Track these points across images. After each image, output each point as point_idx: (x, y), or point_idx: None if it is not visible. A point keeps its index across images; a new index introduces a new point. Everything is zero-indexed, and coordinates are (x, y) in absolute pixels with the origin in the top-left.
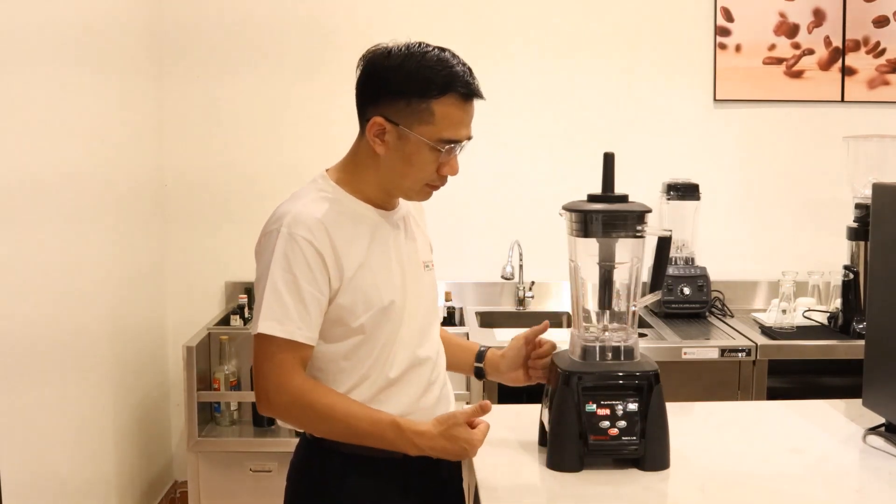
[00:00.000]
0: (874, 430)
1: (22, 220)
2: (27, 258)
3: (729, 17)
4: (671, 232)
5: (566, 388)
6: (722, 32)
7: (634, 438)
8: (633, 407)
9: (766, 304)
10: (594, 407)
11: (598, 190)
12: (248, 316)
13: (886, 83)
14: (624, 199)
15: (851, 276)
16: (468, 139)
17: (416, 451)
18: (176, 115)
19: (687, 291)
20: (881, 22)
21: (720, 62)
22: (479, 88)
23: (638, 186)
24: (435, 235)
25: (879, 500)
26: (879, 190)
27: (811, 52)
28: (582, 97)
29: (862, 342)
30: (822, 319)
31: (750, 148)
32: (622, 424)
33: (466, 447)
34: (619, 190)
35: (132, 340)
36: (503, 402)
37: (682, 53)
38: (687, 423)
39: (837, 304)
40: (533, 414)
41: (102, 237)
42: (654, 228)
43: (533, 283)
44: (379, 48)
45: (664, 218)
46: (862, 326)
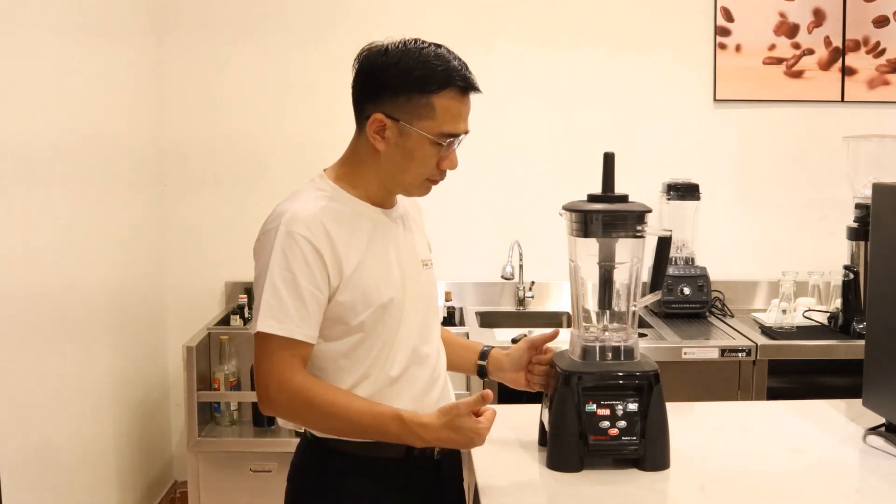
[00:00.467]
0: (874, 430)
1: (21, 218)
2: (27, 259)
3: (729, 17)
4: (671, 232)
5: (566, 388)
6: (722, 32)
7: (634, 438)
8: (633, 407)
9: (766, 304)
10: (594, 407)
11: (598, 190)
12: (248, 316)
13: (886, 83)
14: (624, 199)
15: (851, 276)
16: (466, 133)
17: (421, 443)
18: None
19: (687, 291)
20: (881, 22)
21: (720, 62)
22: (475, 82)
23: (638, 186)
24: (435, 235)
25: (879, 500)
26: (879, 190)
27: (811, 52)
28: (582, 97)
29: (862, 342)
30: (822, 319)
31: (750, 148)
32: (622, 424)
33: (473, 436)
34: (619, 190)
35: (132, 340)
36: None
37: (682, 53)
38: (687, 423)
39: (837, 304)
40: (533, 414)
41: (102, 237)
42: (654, 228)
43: (533, 283)
44: (374, 46)
45: (664, 218)
46: (862, 326)
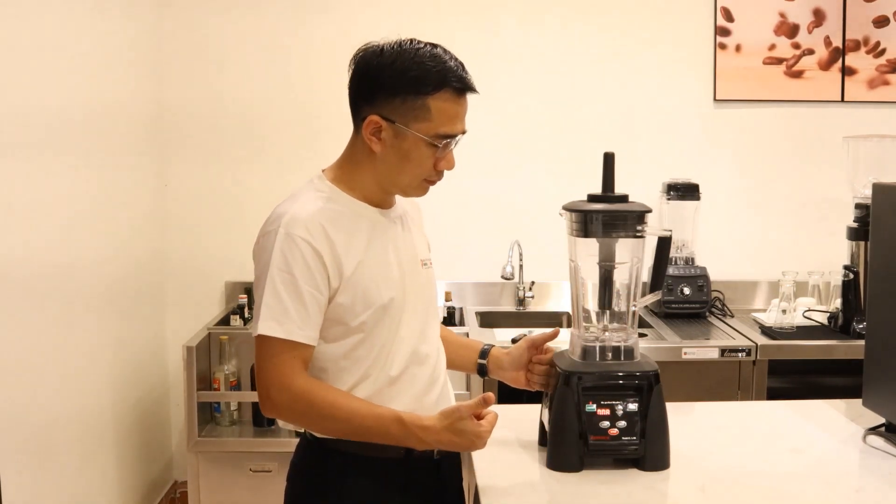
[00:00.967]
0: (874, 430)
1: (21, 218)
2: (28, 259)
3: (729, 17)
4: (671, 232)
5: (566, 388)
6: (722, 32)
7: (634, 438)
8: (633, 407)
9: (766, 304)
10: (594, 407)
11: (598, 190)
12: (248, 316)
13: (886, 83)
14: (624, 199)
15: (851, 276)
16: (463, 133)
17: (422, 445)
18: (177, 108)
19: (687, 291)
20: (881, 22)
21: (720, 62)
22: (472, 82)
23: (638, 186)
24: (435, 235)
25: (879, 500)
26: (879, 190)
27: (811, 52)
28: (582, 97)
29: (862, 342)
30: (822, 319)
31: (750, 148)
32: (622, 424)
33: (475, 440)
34: (619, 190)
35: (132, 340)
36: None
37: (682, 53)
38: (687, 423)
39: (837, 304)
40: (533, 414)
41: (102, 236)
42: (654, 228)
43: (533, 283)
44: (370, 46)
45: (664, 218)
46: (862, 326)
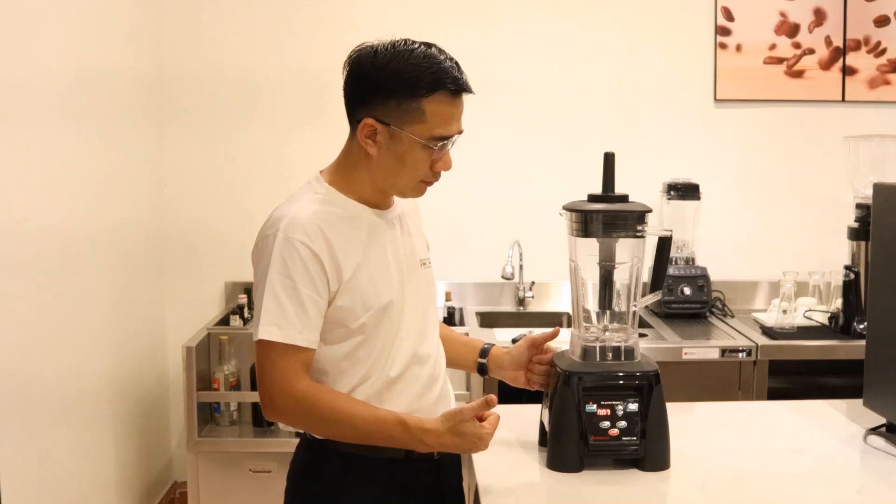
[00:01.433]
0: (875, 430)
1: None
2: (28, 258)
3: (729, 16)
4: (671, 232)
5: (566, 388)
6: (722, 32)
7: (635, 439)
8: (633, 407)
9: (766, 304)
10: (594, 407)
11: (598, 190)
12: (247, 316)
13: (887, 83)
14: (624, 199)
15: (852, 276)
16: (459, 133)
17: (424, 448)
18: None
19: (687, 291)
20: (882, 21)
21: (720, 62)
22: (467, 83)
23: (638, 186)
24: (435, 236)
25: (880, 500)
26: (880, 190)
27: (812, 51)
28: (582, 97)
29: (863, 342)
30: (822, 319)
31: (750, 148)
32: (622, 425)
33: (477, 441)
34: (619, 190)
35: (132, 340)
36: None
37: (682, 53)
38: (687, 423)
39: (838, 304)
40: (533, 414)
41: (102, 236)
42: (654, 228)
43: (533, 283)
44: (364, 47)
45: (664, 218)
46: (863, 327)
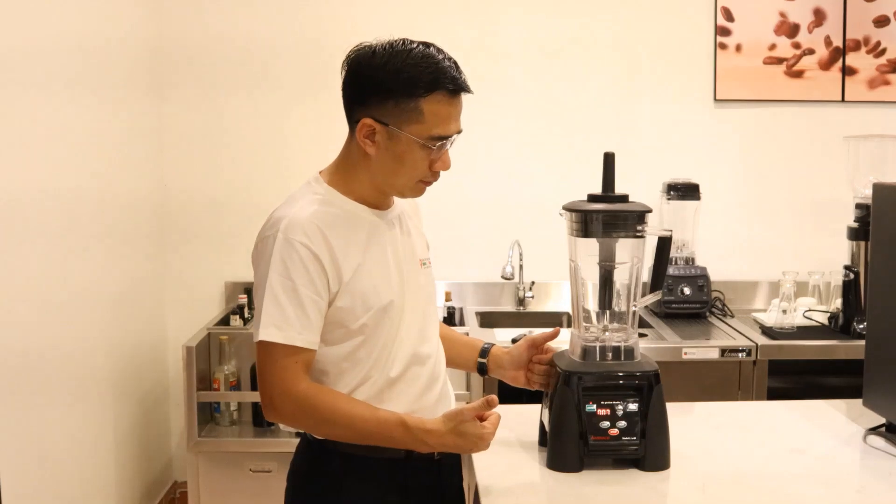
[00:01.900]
0: (875, 430)
1: (21, 219)
2: (27, 258)
3: (729, 16)
4: (671, 232)
5: (566, 388)
6: (722, 32)
7: (635, 438)
8: (633, 407)
9: (766, 304)
10: (594, 407)
11: (598, 190)
12: (247, 316)
13: (887, 83)
14: (624, 199)
15: (852, 276)
16: (458, 133)
17: (426, 448)
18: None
19: (687, 291)
20: (882, 22)
21: (720, 62)
22: (466, 82)
23: (638, 186)
24: (435, 235)
25: (880, 500)
26: (880, 190)
27: (811, 51)
28: (582, 97)
29: (862, 342)
30: (822, 319)
31: (750, 148)
32: (622, 424)
33: (478, 441)
34: (619, 190)
35: (132, 340)
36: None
37: (682, 53)
38: (687, 423)
39: (838, 304)
40: (533, 414)
41: (102, 237)
42: (654, 228)
43: (533, 283)
44: (363, 47)
45: (664, 218)
46: (862, 326)
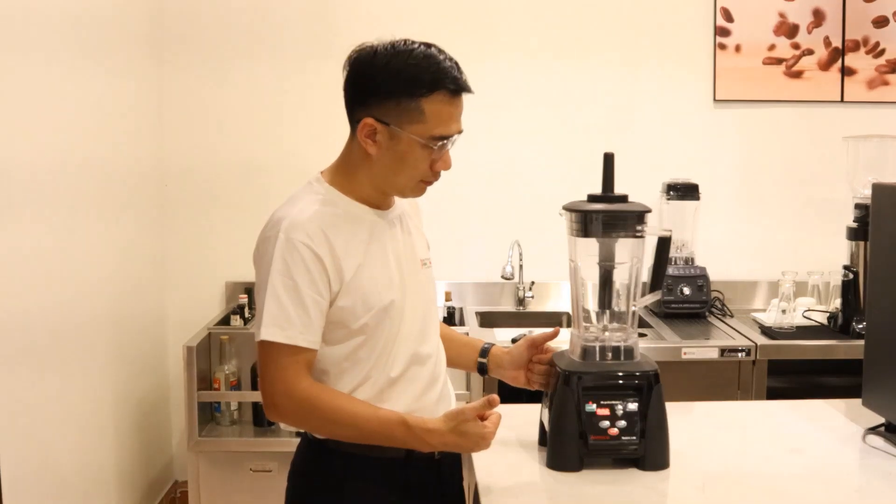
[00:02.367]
0: (874, 429)
1: (21, 217)
2: (27, 258)
3: (729, 17)
4: (671, 232)
5: (566, 387)
6: (722, 32)
7: (634, 438)
8: (633, 407)
9: (765, 304)
10: (594, 407)
11: (598, 190)
12: (248, 316)
13: (886, 83)
14: (624, 199)
15: (851, 276)
16: (459, 133)
17: (427, 448)
18: (176, 108)
19: (687, 291)
20: (881, 22)
21: (720, 62)
22: (467, 83)
23: (638, 186)
24: (435, 235)
25: (879, 500)
26: (879, 190)
27: (811, 52)
28: (582, 97)
29: (862, 342)
30: (821, 319)
31: (750, 148)
32: (622, 424)
33: (479, 441)
34: (619, 190)
35: (132, 340)
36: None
37: (682, 53)
38: (687, 423)
39: (837, 304)
40: (533, 414)
41: (102, 237)
42: (653, 228)
43: (533, 283)
44: (364, 48)
45: (664, 218)
46: (862, 326)
